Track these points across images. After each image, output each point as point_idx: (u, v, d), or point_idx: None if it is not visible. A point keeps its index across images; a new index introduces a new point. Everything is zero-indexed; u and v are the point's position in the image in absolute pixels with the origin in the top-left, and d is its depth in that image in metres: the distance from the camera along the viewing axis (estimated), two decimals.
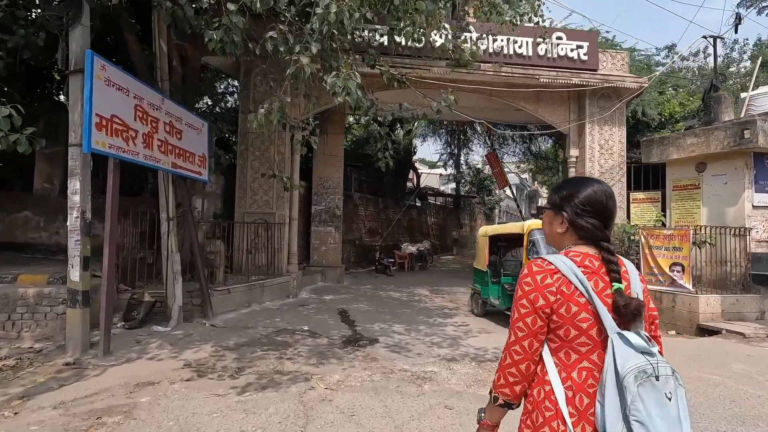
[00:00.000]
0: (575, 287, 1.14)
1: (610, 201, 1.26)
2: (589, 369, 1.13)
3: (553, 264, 1.18)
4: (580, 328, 1.13)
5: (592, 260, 1.19)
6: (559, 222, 1.28)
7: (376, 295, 9.51)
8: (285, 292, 8.58)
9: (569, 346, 1.15)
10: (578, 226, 1.23)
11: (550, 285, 1.16)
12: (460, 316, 7.53)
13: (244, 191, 8.83)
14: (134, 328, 5.61)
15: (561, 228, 1.27)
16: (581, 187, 1.26)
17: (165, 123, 5.43)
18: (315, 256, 11.47)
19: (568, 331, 1.14)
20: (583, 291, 1.13)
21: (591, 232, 1.22)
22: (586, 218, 1.22)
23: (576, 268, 1.16)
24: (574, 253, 1.21)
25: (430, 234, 20.89)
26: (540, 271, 1.18)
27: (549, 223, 1.33)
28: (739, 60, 21.92)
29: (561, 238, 1.29)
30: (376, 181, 16.51)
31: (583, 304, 1.13)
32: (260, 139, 8.91)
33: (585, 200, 1.23)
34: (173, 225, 5.94)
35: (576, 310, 1.13)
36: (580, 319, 1.13)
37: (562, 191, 1.30)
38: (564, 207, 1.26)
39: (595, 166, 9.86)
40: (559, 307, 1.14)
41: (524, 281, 1.20)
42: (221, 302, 6.82)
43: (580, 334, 1.13)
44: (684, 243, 7.63)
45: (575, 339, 1.14)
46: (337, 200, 11.67)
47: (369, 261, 15.01)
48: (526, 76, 9.31)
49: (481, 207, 30.61)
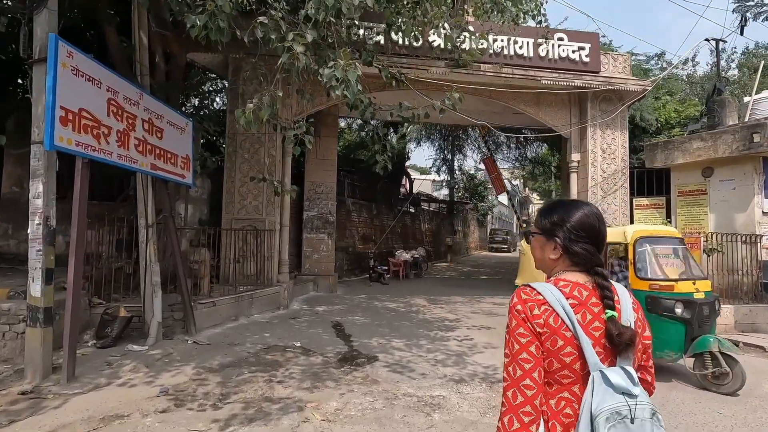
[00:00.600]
0: (562, 320, 1.11)
1: (602, 224, 1.22)
2: (569, 399, 1.12)
3: (541, 294, 1.15)
4: (564, 361, 1.11)
5: (581, 290, 1.16)
6: (551, 248, 1.23)
7: (372, 306, 9.02)
8: (275, 304, 8.06)
9: (551, 377, 1.13)
10: (572, 252, 1.19)
11: (538, 316, 1.13)
12: (461, 329, 7.08)
13: (232, 196, 8.32)
14: (107, 346, 5.06)
15: (554, 254, 1.23)
16: (572, 211, 1.22)
17: (143, 120, 4.94)
18: (307, 265, 10.95)
19: (551, 363, 1.12)
20: (569, 325, 1.11)
21: (585, 257, 1.18)
22: (581, 244, 1.19)
23: (564, 300, 1.13)
24: (564, 282, 1.18)
25: (424, 241, 20.48)
26: (528, 300, 1.15)
27: (540, 249, 1.28)
28: (727, 68, 21.99)
29: (553, 264, 1.25)
30: (369, 187, 16.08)
31: (569, 338, 1.11)
32: (249, 141, 8.44)
33: (578, 225, 1.19)
34: (152, 232, 5.42)
35: (561, 344, 1.11)
36: (564, 353, 1.11)
37: (552, 215, 1.25)
38: (556, 232, 1.22)
39: (597, 171, 9.56)
40: (546, 339, 1.12)
41: (516, 309, 1.16)
42: (206, 316, 6.28)
43: (563, 367, 1.12)
44: (694, 251, 7.31)
45: (558, 371, 1.12)
46: (330, 206, 11.20)
47: (362, 269, 14.52)
48: (527, 77, 8.99)
49: (474, 213, 30.37)
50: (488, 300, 10.34)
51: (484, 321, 7.80)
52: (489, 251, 32.04)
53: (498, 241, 31.67)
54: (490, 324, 7.54)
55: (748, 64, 20.71)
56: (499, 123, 13.08)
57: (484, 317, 8.17)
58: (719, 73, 9.61)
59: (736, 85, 19.89)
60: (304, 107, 8.95)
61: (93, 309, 5.50)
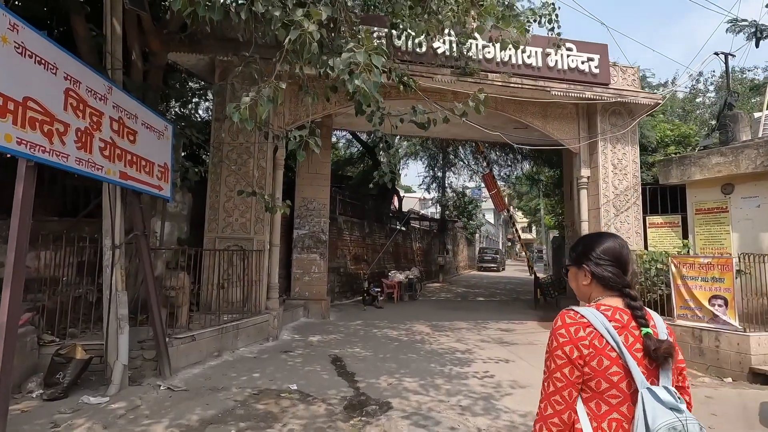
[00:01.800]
0: (607, 341, 1.18)
1: (625, 250, 1.33)
2: (619, 420, 1.18)
3: (586, 317, 1.22)
4: (611, 381, 1.17)
5: (621, 314, 1.24)
6: (582, 275, 1.34)
7: (371, 335, 8.13)
8: (263, 334, 7.10)
9: (600, 397, 1.19)
10: (600, 276, 1.29)
11: (583, 338, 1.19)
12: (477, 363, 6.27)
13: (216, 212, 7.42)
14: (57, 398, 4.06)
15: (585, 280, 1.33)
16: (596, 241, 1.35)
17: (113, 119, 4.08)
18: (297, 288, 10.01)
19: (599, 384, 1.18)
20: (614, 345, 1.18)
21: (613, 279, 1.28)
22: (606, 267, 1.30)
23: (607, 322, 1.20)
24: (605, 307, 1.26)
25: (415, 260, 19.71)
26: (573, 324, 1.22)
27: (575, 279, 1.38)
28: (705, 91, 22.24)
29: (588, 290, 1.34)
30: (360, 204, 15.31)
31: (614, 359, 1.17)
32: (237, 151, 7.60)
33: (602, 251, 1.31)
34: (120, 254, 4.49)
35: (608, 363, 1.17)
36: (611, 372, 1.17)
37: (578, 247, 1.39)
38: (583, 261, 1.33)
39: (609, 188, 9.03)
40: (591, 359, 1.18)
41: (558, 332, 1.23)
42: (183, 353, 5.31)
43: (611, 386, 1.17)
44: (726, 273, 6.74)
45: (606, 391, 1.18)
46: (322, 224, 10.35)
47: (354, 291, 13.62)
48: (536, 88, 8.48)
49: (463, 232, 29.84)
50: (494, 326, 9.57)
51: (499, 352, 7.00)
52: (478, 270, 31.41)
53: (487, 260, 31.09)
54: (507, 356, 6.75)
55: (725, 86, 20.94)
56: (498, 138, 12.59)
57: (498, 347, 7.38)
58: (729, 87, 9.33)
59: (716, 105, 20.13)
60: (299, 115, 8.21)
61: (43, 349, 4.49)
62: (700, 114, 19.57)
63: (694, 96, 20.87)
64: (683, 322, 7.12)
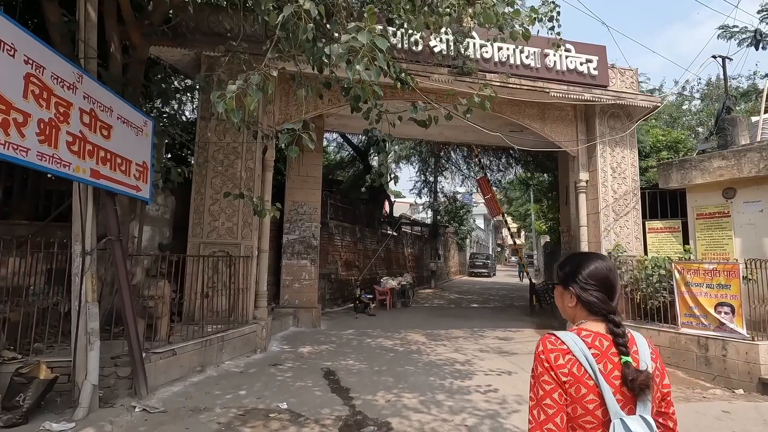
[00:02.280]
0: (585, 369, 1.18)
1: (613, 273, 1.32)
2: None
3: (566, 344, 1.22)
4: (587, 408, 1.17)
5: (602, 340, 1.23)
6: (568, 297, 1.33)
7: (365, 345, 7.75)
8: (251, 346, 6.67)
9: (576, 422, 1.19)
10: (585, 301, 1.28)
11: (563, 366, 1.19)
12: (478, 375, 5.93)
13: (201, 216, 6.99)
14: (15, 424, 3.59)
15: (571, 302, 1.32)
16: (584, 263, 1.32)
17: (83, 111, 3.67)
18: (286, 295, 9.58)
19: (575, 410, 1.18)
20: (591, 374, 1.17)
21: (597, 305, 1.27)
22: (592, 292, 1.27)
23: (587, 349, 1.20)
24: (586, 332, 1.25)
25: (407, 266, 19.38)
26: (553, 350, 1.22)
27: (560, 298, 1.37)
28: (691, 99, 22.39)
29: (573, 312, 1.33)
30: (351, 209, 14.94)
31: (591, 387, 1.17)
32: (224, 151, 7.19)
33: (589, 274, 1.29)
34: (92, 261, 4.06)
35: (585, 391, 1.17)
36: (587, 400, 1.17)
37: (566, 267, 1.37)
38: (569, 283, 1.32)
39: (608, 192, 8.82)
40: (570, 387, 1.18)
41: (541, 357, 1.23)
42: (162, 369, 4.87)
43: (587, 413, 1.17)
44: (732, 279, 6.53)
45: (581, 417, 1.18)
46: (313, 228, 9.95)
47: (345, 298, 13.21)
48: (535, 89, 8.25)
49: (454, 237, 29.62)
50: (491, 334, 9.26)
51: (499, 363, 6.68)
52: (469, 276, 31.20)
53: (478, 266, 30.89)
54: (508, 367, 6.43)
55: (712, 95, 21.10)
56: (492, 142, 12.38)
57: (498, 358, 7.06)
58: (727, 90, 9.23)
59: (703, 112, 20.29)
60: (289, 115, 7.84)
61: (2, 367, 4.03)
62: (686, 121, 19.68)
63: (681, 103, 21.01)
64: (688, 330, 6.89)
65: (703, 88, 22.60)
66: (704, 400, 5.22)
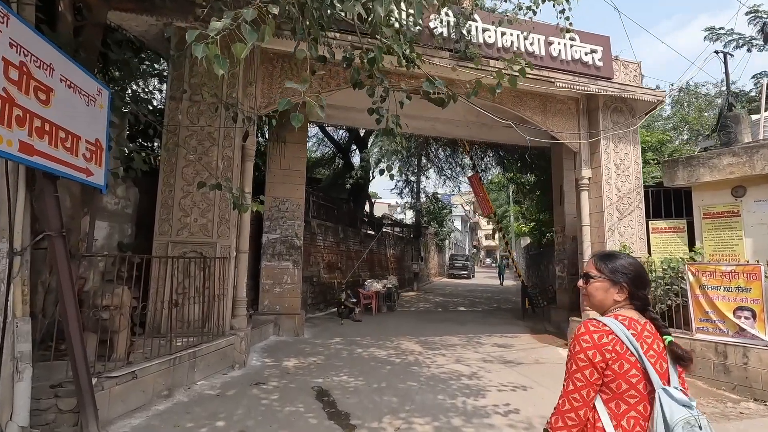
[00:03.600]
0: (627, 347, 1.33)
1: (646, 273, 1.52)
2: (636, 417, 1.31)
3: (608, 326, 1.36)
4: (630, 382, 1.31)
5: (635, 324, 1.39)
6: (616, 291, 1.46)
7: (356, 357, 6.95)
8: (228, 361, 5.76)
9: (620, 397, 1.33)
10: (637, 297, 1.45)
11: (606, 344, 1.33)
12: (491, 392, 5.25)
13: (170, 211, 6.03)
14: None
15: (619, 296, 1.46)
16: (630, 264, 1.49)
17: (8, 62, 2.76)
18: (266, 301, 8.66)
19: (619, 385, 1.32)
20: (634, 351, 1.32)
21: (645, 300, 1.46)
22: (642, 291, 1.46)
23: (627, 331, 1.35)
24: (622, 317, 1.40)
25: (389, 268, 18.66)
26: (596, 331, 1.36)
27: (604, 291, 1.48)
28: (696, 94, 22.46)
29: (612, 303, 1.47)
30: (334, 207, 14.10)
31: (633, 363, 1.32)
32: (198, 137, 6.25)
33: (638, 275, 1.46)
34: (23, 263, 3.12)
35: (627, 367, 1.31)
36: (630, 375, 1.31)
37: (613, 264, 1.49)
38: (621, 280, 1.45)
39: (612, 190, 8.37)
40: (613, 363, 1.32)
41: (582, 338, 1.36)
42: (119, 397, 3.94)
43: (630, 388, 1.32)
44: (753, 282, 6.12)
45: (626, 392, 1.32)
46: (296, 227, 9.08)
47: (328, 302, 12.36)
48: (540, 78, 7.70)
49: (434, 238, 29.15)
50: (488, 341, 8.65)
51: (509, 376, 6.03)
52: (449, 278, 30.79)
53: (458, 267, 30.53)
54: (521, 381, 5.78)
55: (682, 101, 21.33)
56: (486, 137, 11.86)
57: (505, 369, 6.42)
58: (728, 87, 8.99)
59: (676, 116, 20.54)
60: (273, 98, 6.97)
61: None
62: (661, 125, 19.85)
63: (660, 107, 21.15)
64: (703, 336, 6.46)
65: (675, 94, 22.90)
66: (743, 417, 4.72)
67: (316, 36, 3.26)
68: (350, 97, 8.90)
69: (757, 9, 11.59)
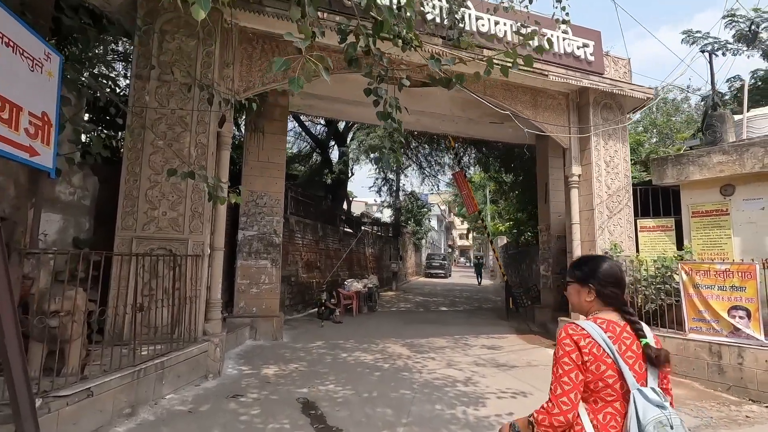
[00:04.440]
0: (603, 350, 1.41)
1: (622, 273, 1.58)
2: (612, 414, 1.41)
3: (585, 329, 1.45)
4: (607, 382, 1.40)
5: (614, 326, 1.48)
6: (586, 292, 1.56)
7: (341, 362, 6.48)
8: (201, 371, 5.17)
9: (597, 396, 1.42)
10: (604, 295, 1.53)
11: (584, 347, 1.42)
12: (491, 400, 4.89)
13: (134, 203, 5.37)
14: None
15: (589, 297, 1.56)
16: (599, 264, 1.57)
17: None
18: (241, 302, 8.04)
19: (596, 385, 1.41)
20: (610, 353, 1.41)
21: (615, 299, 1.53)
22: (610, 288, 1.53)
23: (603, 333, 1.44)
24: (601, 320, 1.49)
25: (368, 267, 18.21)
26: (575, 334, 1.45)
27: (577, 294, 1.60)
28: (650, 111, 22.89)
29: (588, 306, 1.57)
30: (313, 204, 13.52)
31: (609, 364, 1.41)
32: (167, 120, 5.61)
33: (605, 274, 1.54)
34: None
35: (604, 368, 1.40)
36: (606, 375, 1.40)
37: (583, 267, 1.60)
38: (589, 281, 1.55)
39: (602, 187, 8.22)
40: (591, 365, 1.41)
41: (564, 342, 1.44)
42: (71, 419, 3.33)
43: (606, 387, 1.41)
44: (747, 281, 6.04)
45: (602, 391, 1.41)
46: (275, 223, 8.49)
47: (306, 303, 11.80)
48: (534, 70, 7.44)
49: (411, 237, 28.89)
50: (475, 342, 8.35)
51: (506, 381, 5.70)
52: (426, 277, 30.60)
53: (435, 267, 30.38)
54: (518, 386, 5.46)
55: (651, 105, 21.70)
56: (471, 134, 11.59)
57: (500, 374, 6.09)
58: (713, 86, 9.03)
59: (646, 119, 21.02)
60: (252, 82, 6.39)
61: None
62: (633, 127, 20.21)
63: None
64: (697, 336, 6.34)
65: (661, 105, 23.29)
66: (753, 422, 4.54)
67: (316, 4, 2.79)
68: (335, 87, 8.41)
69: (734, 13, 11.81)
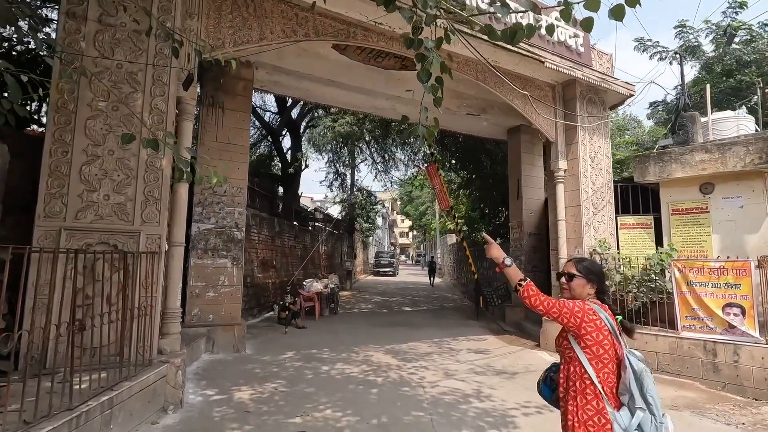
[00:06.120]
0: (604, 323, 1.93)
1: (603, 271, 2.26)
2: (609, 372, 1.92)
3: (593, 308, 1.96)
4: (604, 348, 1.91)
5: (606, 309, 2.01)
6: (590, 286, 2.08)
7: (325, 377, 5.51)
8: (158, 402, 3.97)
9: (598, 358, 1.91)
10: (602, 291, 2.11)
11: (591, 317, 1.94)
12: (517, 418, 4.25)
13: (64, 182, 4.01)
14: None
15: (591, 290, 2.09)
16: (597, 264, 2.24)
17: None
18: (195, 309, 6.73)
19: (598, 350, 1.91)
20: (609, 326, 1.94)
21: (606, 293, 2.15)
22: (605, 283, 2.17)
23: (603, 312, 1.97)
24: (597, 305, 2.01)
25: (321, 265, 17.12)
26: (588, 309, 1.96)
27: (582, 287, 2.09)
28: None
29: (587, 296, 2.08)
30: (269, 196, 12.22)
31: (606, 335, 1.92)
32: (112, 75, 4.28)
33: (601, 272, 2.16)
34: None
35: (601, 338, 1.91)
36: (604, 344, 1.91)
37: (586, 265, 2.14)
38: (592, 278, 2.09)
39: (588, 183, 8.02)
40: (593, 331, 1.92)
41: (588, 309, 1.95)
42: None
43: (605, 353, 1.91)
44: (742, 278, 6.03)
45: (602, 355, 1.91)
46: (237, 215, 7.26)
47: (261, 306, 10.57)
48: (530, 55, 6.99)
49: (360, 235, 28.08)
50: (458, 346, 7.79)
51: (516, 391, 5.12)
52: (374, 275, 29.96)
53: (384, 265, 29.85)
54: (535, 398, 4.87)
55: None
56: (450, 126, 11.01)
57: (509, 383, 5.51)
58: (683, 87, 9.26)
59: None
60: (222, 40, 5.20)
61: None
62: None
63: None
64: (690, 334, 6.25)
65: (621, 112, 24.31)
66: None
67: None
68: (305, 62, 7.38)
69: (684, 24, 12.46)
